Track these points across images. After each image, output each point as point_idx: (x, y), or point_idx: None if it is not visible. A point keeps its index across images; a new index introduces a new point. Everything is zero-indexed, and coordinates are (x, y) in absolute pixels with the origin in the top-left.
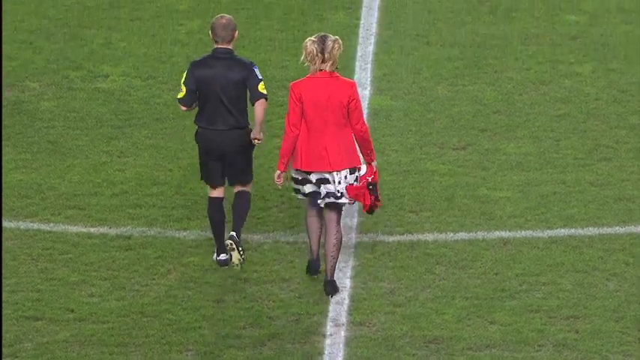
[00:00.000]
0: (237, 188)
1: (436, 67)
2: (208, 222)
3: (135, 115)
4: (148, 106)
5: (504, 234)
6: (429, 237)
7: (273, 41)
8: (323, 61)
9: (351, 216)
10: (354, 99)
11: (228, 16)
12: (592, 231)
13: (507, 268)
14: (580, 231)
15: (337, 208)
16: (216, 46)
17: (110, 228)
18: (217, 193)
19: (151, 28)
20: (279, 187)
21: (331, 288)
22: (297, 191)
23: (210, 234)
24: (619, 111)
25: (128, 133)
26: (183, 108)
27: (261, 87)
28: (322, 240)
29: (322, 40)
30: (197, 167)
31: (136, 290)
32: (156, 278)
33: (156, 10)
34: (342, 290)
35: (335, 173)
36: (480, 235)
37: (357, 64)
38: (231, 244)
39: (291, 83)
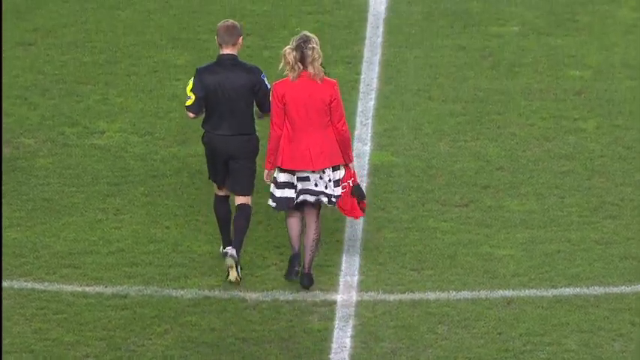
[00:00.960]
0: (239, 200)
1: (438, 123)
2: (214, 217)
3: (131, 172)
4: (144, 162)
5: (508, 293)
6: (431, 296)
7: None
8: (305, 69)
9: (352, 274)
10: (335, 98)
11: (233, 21)
12: (598, 290)
13: (511, 328)
14: (585, 290)
15: (316, 205)
16: (220, 51)
17: (106, 287)
18: (223, 192)
19: (148, 83)
20: (268, 183)
21: (308, 280)
22: (274, 197)
23: (208, 292)
24: (624, 168)
25: (124, 190)
26: (192, 115)
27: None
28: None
29: (300, 49)
30: (194, 225)
31: (132, 350)
32: (152, 338)
33: (153, 65)
34: (342, 349)
35: (317, 172)
36: (482, 294)
37: (358, 119)
38: (230, 264)
39: (274, 83)
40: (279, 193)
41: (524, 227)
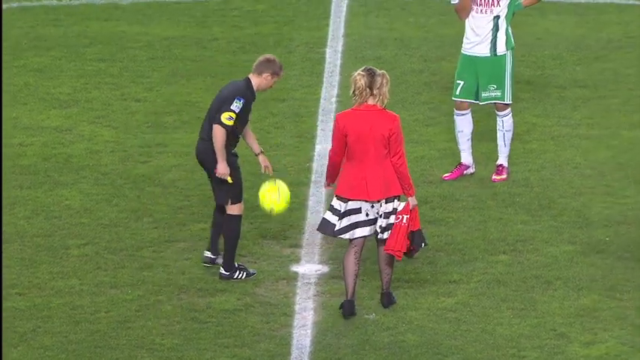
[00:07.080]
0: (227, 210)
1: None
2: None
3: None
4: None
5: None
6: None
7: None
8: (372, 95)
9: None
10: (395, 132)
11: (271, 56)
12: None
13: None
14: None
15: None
16: None
17: None
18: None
19: None
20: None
21: (387, 300)
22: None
23: None
24: None
25: None
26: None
27: (224, 115)
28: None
29: (371, 75)
30: None
31: None
32: None
33: None
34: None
35: (369, 202)
36: None
37: None
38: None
39: (337, 114)
40: (344, 222)
41: None
